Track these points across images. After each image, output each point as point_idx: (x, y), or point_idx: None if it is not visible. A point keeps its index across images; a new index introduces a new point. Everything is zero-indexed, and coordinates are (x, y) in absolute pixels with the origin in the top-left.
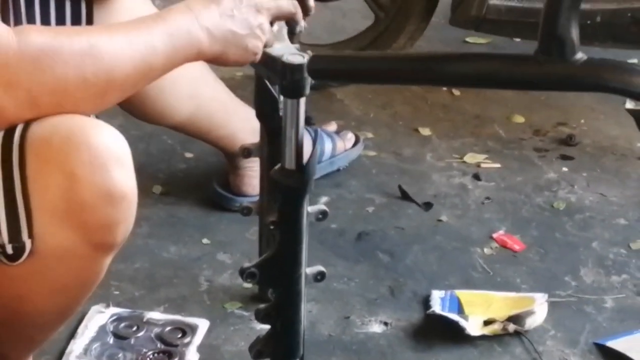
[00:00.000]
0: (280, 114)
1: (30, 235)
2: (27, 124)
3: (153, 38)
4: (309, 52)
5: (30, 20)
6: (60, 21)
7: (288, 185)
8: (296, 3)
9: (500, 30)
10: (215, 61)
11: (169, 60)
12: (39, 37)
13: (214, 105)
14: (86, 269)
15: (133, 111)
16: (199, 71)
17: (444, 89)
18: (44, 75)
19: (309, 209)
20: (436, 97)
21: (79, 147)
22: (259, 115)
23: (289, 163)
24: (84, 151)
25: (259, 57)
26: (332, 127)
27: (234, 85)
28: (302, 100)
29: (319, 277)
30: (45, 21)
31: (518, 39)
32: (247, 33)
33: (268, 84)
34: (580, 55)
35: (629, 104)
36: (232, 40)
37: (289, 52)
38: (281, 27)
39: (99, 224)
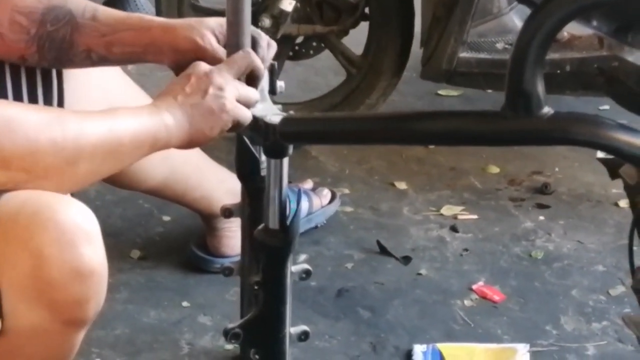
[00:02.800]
0: (262, 174)
1: (0, 314)
2: None
3: (117, 116)
4: (291, 112)
5: (2, 91)
6: (32, 92)
7: (272, 245)
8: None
9: (471, 83)
10: (192, 140)
11: (137, 138)
12: (8, 105)
13: (187, 167)
14: (58, 346)
15: (107, 177)
16: None
17: None
18: (16, 135)
19: (293, 268)
20: (411, 151)
21: (46, 224)
22: (240, 176)
23: (273, 223)
24: (51, 229)
25: (231, 115)
26: (308, 184)
27: (209, 147)
28: (285, 160)
29: (303, 336)
30: (17, 92)
31: (490, 90)
32: (208, 98)
33: (249, 144)
34: (546, 110)
35: (600, 153)
36: (197, 113)
37: (272, 113)
38: (262, 87)
39: (69, 301)
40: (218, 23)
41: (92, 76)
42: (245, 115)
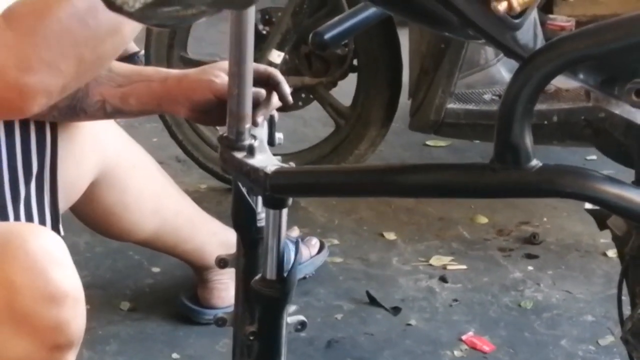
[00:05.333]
0: (258, 225)
1: None
2: None
3: None
4: (292, 163)
5: None
6: (25, 147)
7: (269, 296)
8: None
9: (459, 134)
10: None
11: None
12: (22, 7)
13: (179, 219)
14: None
15: (98, 228)
16: (163, 186)
17: None
18: (49, 38)
19: (288, 319)
20: (400, 201)
21: (15, 254)
22: (236, 226)
23: (270, 273)
24: (21, 258)
25: None
26: (295, 232)
27: (198, 198)
28: (284, 211)
29: None
30: (11, 145)
31: (478, 141)
32: None
33: (246, 194)
34: (535, 162)
35: (588, 204)
36: None
37: (272, 164)
38: (262, 139)
39: (49, 327)
40: None
41: (84, 129)
42: None
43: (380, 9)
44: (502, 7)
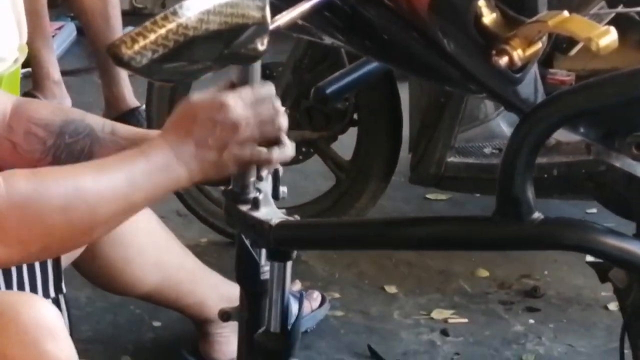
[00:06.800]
0: (262, 278)
1: None
2: None
3: (135, 177)
4: (296, 216)
5: None
6: None
7: (273, 349)
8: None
9: (460, 187)
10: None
11: (150, 196)
12: (26, 183)
13: (180, 273)
14: None
15: (100, 283)
16: (165, 240)
17: None
18: (31, 221)
19: None
20: (401, 254)
21: (7, 326)
22: (239, 279)
23: (274, 326)
24: (13, 330)
25: (245, 161)
26: (297, 286)
27: (199, 252)
28: (289, 264)
29: None
30: None
31: (478, 194)
32: (225, 154)
33: (250, 247)
34: (536, 215)
35: (590, 257)
36: (211, 167)
37: (276, 216)
38: (266, 192)
39: None
40: None
41: None
42: (263, 159)
43: (382, 63)
44: (503, 61)
